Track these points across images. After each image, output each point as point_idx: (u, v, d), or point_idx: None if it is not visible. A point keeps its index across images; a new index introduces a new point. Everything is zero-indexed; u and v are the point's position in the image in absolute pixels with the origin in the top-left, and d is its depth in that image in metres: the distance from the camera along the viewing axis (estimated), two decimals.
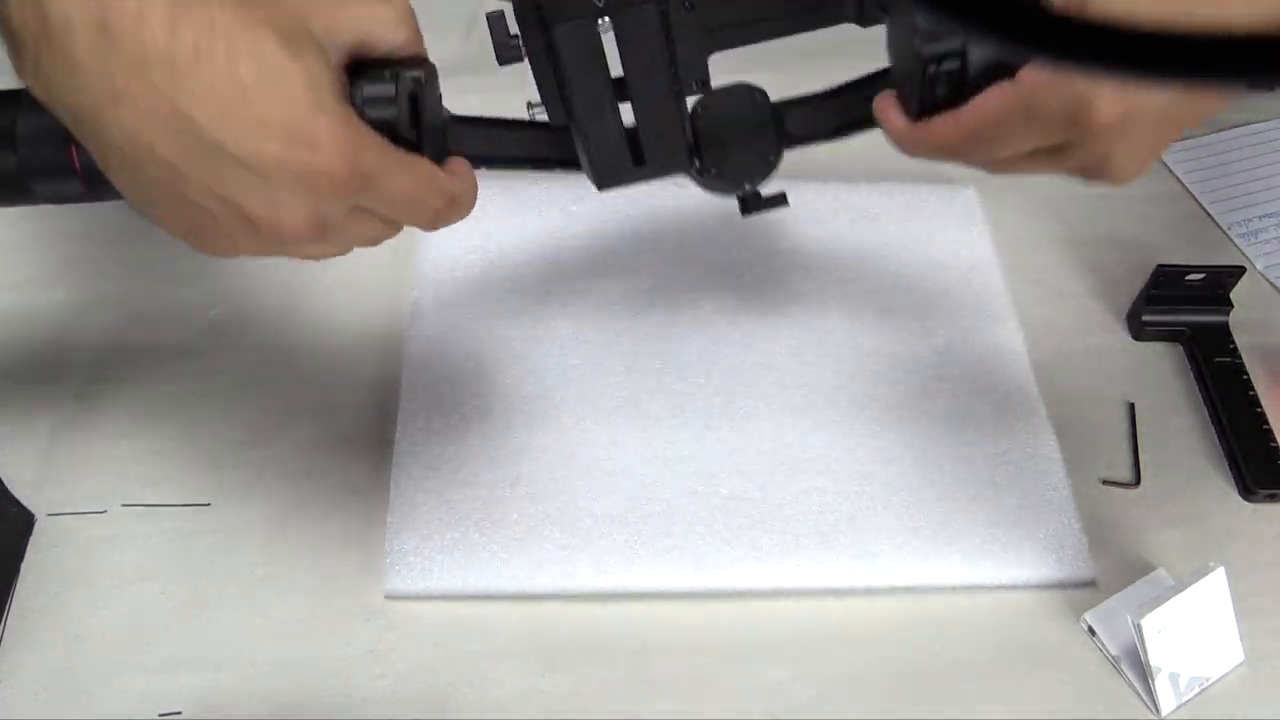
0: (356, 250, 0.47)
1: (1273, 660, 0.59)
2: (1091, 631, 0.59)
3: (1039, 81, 0.46)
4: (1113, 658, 0.58)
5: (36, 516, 0.60)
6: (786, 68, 0.88)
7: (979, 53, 0.47)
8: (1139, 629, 0.55)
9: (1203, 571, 0.57)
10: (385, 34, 0.44)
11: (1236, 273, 0.71)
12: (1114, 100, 0.45)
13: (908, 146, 0.51)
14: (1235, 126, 0.85)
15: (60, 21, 0.38)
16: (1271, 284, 0.76)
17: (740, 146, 0.55)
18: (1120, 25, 0.20)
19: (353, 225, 0.44)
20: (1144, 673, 0.56)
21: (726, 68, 0.91)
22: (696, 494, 0.62)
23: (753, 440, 0.64)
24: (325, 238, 0.43)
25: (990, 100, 0.47)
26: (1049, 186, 0.79)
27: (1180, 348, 0.72)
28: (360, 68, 0.44)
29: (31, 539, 0.59)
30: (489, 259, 0.71)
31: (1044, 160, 0.49)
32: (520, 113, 0.86)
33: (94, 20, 0.38)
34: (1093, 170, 0.49)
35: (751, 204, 0.56)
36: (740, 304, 0.70)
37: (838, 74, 0.87)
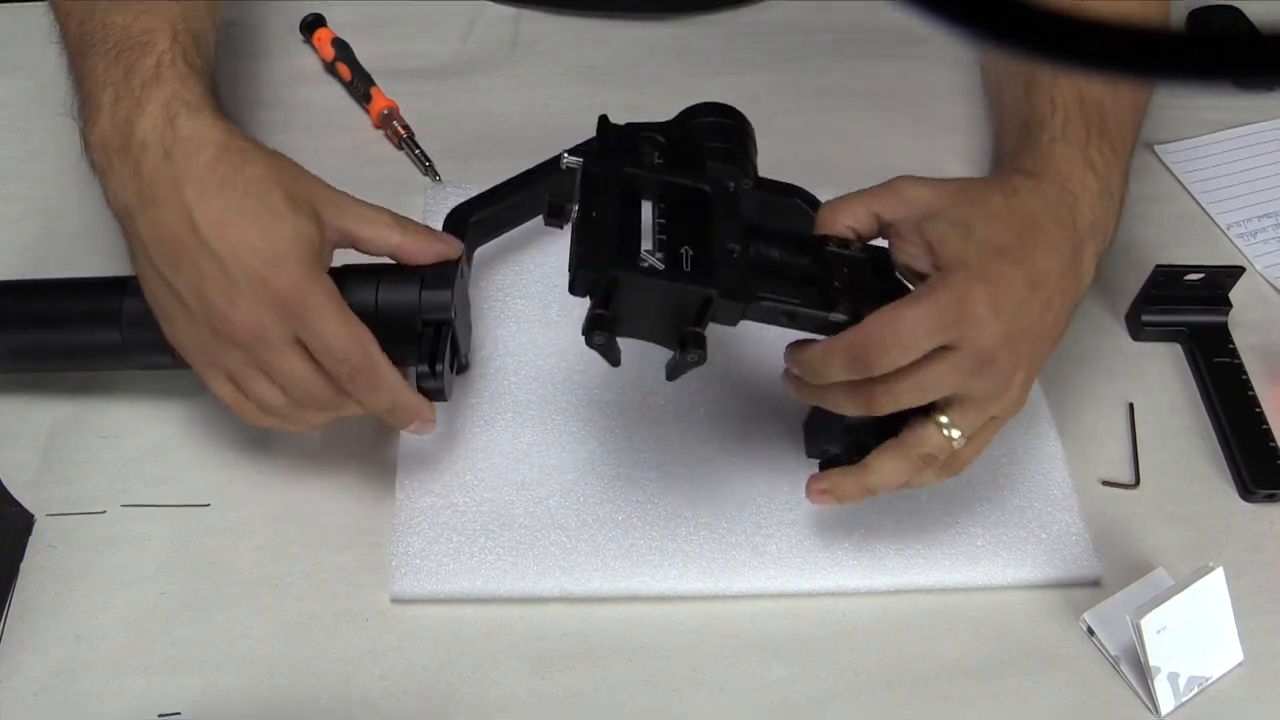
0: None
1: (1273, 660, 0.59)
2: (1091, 631, 0.59)
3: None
4: (1112, 658, 0.58)
5: (36, 516, 0.60)
6: (785, 69, 0.88)
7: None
8: (1138, 629, 0.55)
9: (1202, 571, 0.57)
10: (377, 235, 0.56)
11: (1235, 273, 0.71)
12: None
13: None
14: (1234, 126, 0.85)
15: (140, 141, 0.53)
16: (1271, 284, 0.76)
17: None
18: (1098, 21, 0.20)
19: (288, 356, 0.53)
20: (1143, 673, 0.56)
21: (726, 69, 0.90)
22: (701, 499, 0.62)
23: (757, 445, 0.64)
24: (262, 351, 0.53)
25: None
26: None
27: (1180, 348, 0.72)
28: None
29: (31, 539, 0.59)
30: (492, 264, 0.71)
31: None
32: (513, 109, 0.86)
33: (164, 146, 0.53)
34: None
35: None
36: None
37: (834, 76, 0.87)
